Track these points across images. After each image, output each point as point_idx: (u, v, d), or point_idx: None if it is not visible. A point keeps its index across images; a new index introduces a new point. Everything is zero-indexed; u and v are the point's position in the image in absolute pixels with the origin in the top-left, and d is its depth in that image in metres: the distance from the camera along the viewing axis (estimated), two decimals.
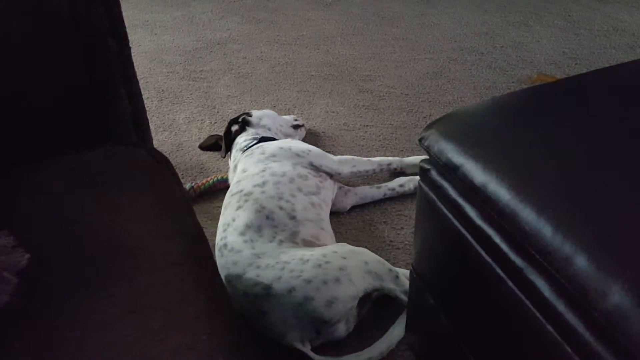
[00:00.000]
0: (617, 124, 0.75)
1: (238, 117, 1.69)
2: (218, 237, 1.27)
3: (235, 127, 1.67)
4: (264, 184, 1.33)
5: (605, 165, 0.67)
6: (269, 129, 1.68)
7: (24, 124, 0.94)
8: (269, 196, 1.29)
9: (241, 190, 1.33)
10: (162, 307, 0.65)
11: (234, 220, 1.26)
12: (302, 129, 1.83)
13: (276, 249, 1.19)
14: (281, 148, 1.46)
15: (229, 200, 1.33)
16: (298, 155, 1.44)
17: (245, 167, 1.44)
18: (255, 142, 1.56)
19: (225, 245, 1.22)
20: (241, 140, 1.60)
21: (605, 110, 0.79)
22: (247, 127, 1.65)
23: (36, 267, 0.69)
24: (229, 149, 1.65)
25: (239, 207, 1.28)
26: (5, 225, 0.74)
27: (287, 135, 1.72)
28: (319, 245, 1.24)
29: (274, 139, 1.58)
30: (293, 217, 1.27)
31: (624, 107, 0.80)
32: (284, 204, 1.28)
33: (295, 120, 1.82)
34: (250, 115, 1.69)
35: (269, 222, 1.24)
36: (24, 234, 0.73)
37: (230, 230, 1.24)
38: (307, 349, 1.09)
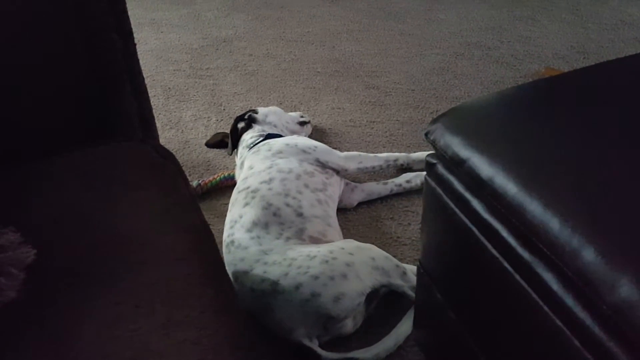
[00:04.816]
0: (625, 116, 0.74)
1: (244, 114, 1.69)
2: (225, 234, 1.27)
3: (241, 124, 1.67)
4: (270, 180, 1.33)
5: (612, 157, 0.67)
6: (275, 126, 1.68)
7: (29, 121, 0.94)
8: (276, 193, 1.29)
9: (248, 187, 1.33)
10: (168, 301, 0.65)
11: (241, 217, 1.26)
12: (308, 125, 1.82)
13: (283, 246, 1.19)
14: (287, 144, 1.46)
15: (236, 197, 1.33)
16: (304, 151, 1.44)
17: (252, 164, 1.44)
18: (261, 139, 1.56)
19: (232, 242, 1.22)
20: (247, 137, 1.60)
21: (613, 103, 0.79)
22: (253, 124, 1.65)
23: (43, 263, 0.70)
24: (235, 146, 1.65)
25: (246, 204, 1.28)
26: (12, 221, 0.74)
27: (293, 132, 1.72)
28: (326, 242, 1.24)
29: (280, 136, 1.58)
30: (300, 214, 1.27)
31: (632, 99, 0.79)
32: (291, 201, 1.28)
33: (301, 117, 1.82)
34: (257, 112, 1.69)
35: (276, 219, 1.24)
36: (30, 230, 0.73)
37: (237, 227, 1.25)
38: (314, 345, 1.09)
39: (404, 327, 1.15)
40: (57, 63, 0.94)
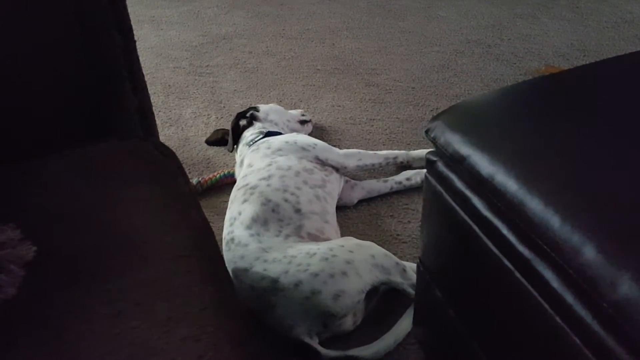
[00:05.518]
0: (625, 114, 0.74)
1: (246, 112, 1.69)
2: (225, 232, 1.27)
3: (243, 122, 1.66)
4: (269, 177, 1.33)
5: (613, 155, 0.67)
6: (276, 124, 1.68)
7: (29, 119, 0.94)
8: (274, 189, 1.29)
9: (247, 184, 1.33)
10: (168, 299, 0.65)
11: (240, 214, 1.26)
12: (309, 124, 1.82)
13: (283, 243, 1.19)
14: (287, 142, 1.46)
15: (235, 195, 1.34)
16: (304, 149, 1.44)
17: (251, 161, 1.44)
18: (261, 136, 1.56)
19: (232, 239, 1.22)
20: (248, 135, 1.60)
21: (613, 100, 0.78)
22: (254, 122, 1.65)
23: (43, 260, 0.69)
24: (235, 142, 1.65)
25: (245, 201, 1.28)
26: (11, 218, 0.74)
27: (293, 130, 1.72)
28: (324, 239, 1.24)
29: (280, 134, 1.58)
30: (298, 210, 1.27)
31: (632, 97, 0.79)
32: (289, 197, 1.28)
33: (302, 115, 1.82)
34: (258, 110, 1.69)
35: (275, 215, 1.24)
36: (30, 228, 0.73)
37: (237, 224, 1.24)
38: (314, 342, 1.09)
39: (404, 324, 1.15)
40: (56, 61, 0.94)
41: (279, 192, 1.29)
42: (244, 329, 0.67)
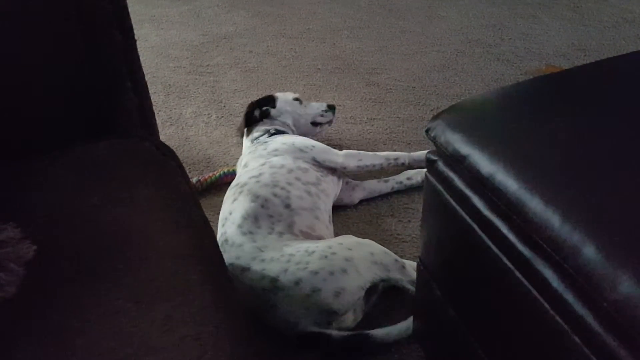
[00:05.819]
0: (625, 113, 0.74)
1: (263, 102, 1.66)
2: (218, 233, 1.27)
3: (257, 112, 1.64)
4: (260, 175, 1.33)
5: (613, 154, 0.67)
6: (287, 125, 1.66)
7: (29, 117, 0.94)
8: (263, 184, 1.29)
9: (238, 184, 1.33)
10: (167, 298, 0.65)
11: (230, 213, 1.26)
12: (325, 126, 1.73)
13: (278, 242, 1.18)
14: (284, 143, 1.46)
15: (227, 195, 1.34)
16: (301, 150, 1.44)
17: (247, 162, 1.44)
18: (265, 134, 1.56)
19: (226, 240, 1.22)
20: (254, 131, 1.60)
21: (614, 99, 0.78)
22: (264, 119, 1.64)
23: (42, 259, 0.69)
24: (247, 125, 1.64)
25: (235, 200, 1.28)
26: (11, 217, 0.74)
27: (303, 134, 1.65)
28: (315, 237, 1.24)
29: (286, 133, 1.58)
30: (287, 205, 1.26)
31: (632, 96, 0.79)
32: (279, 191, 1.28)
33: (322, 115, 1.72)
34: (275, 105, 1.66)
35: (264, 211, 1.24)
36: (30, 227, 0.73)
37: (228, 224, 1.24)
38: (323, 330, 1.09)
39: None
40: (57, 60, 0.94)
41: (267, 187, 1.28)
42: (244, 329, 0.67)
